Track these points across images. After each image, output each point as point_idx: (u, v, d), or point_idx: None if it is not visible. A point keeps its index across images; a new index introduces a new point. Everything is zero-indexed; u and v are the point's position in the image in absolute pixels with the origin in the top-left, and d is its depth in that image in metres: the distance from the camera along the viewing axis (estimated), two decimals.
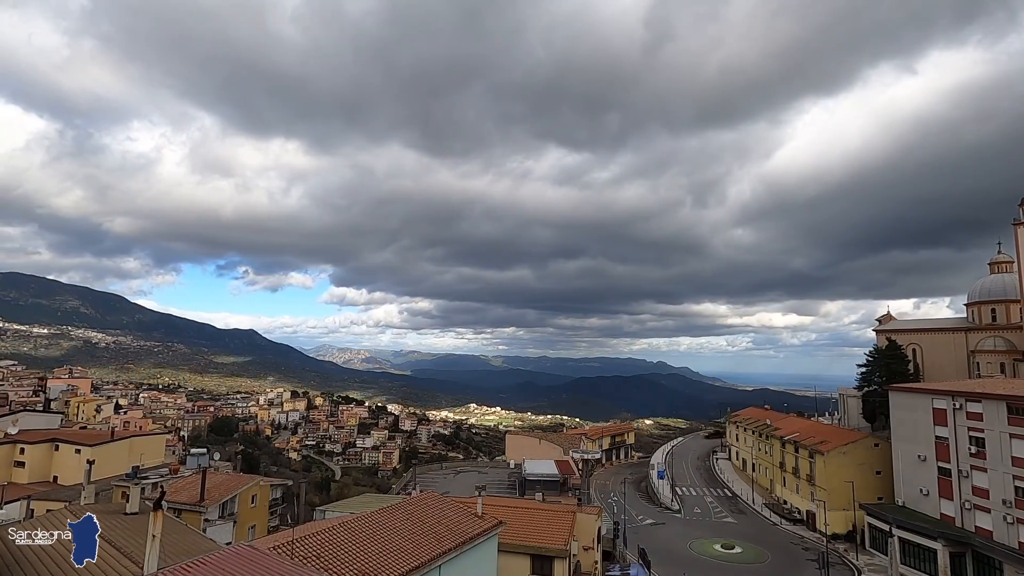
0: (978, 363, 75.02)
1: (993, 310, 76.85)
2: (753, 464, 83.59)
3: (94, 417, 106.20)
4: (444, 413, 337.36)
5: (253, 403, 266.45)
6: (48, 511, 25.15)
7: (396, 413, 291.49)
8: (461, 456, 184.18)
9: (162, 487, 35.27)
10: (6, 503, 43.30)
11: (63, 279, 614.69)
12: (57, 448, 58.33)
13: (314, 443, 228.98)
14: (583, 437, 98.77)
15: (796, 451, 68.90)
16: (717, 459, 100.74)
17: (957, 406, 50.75)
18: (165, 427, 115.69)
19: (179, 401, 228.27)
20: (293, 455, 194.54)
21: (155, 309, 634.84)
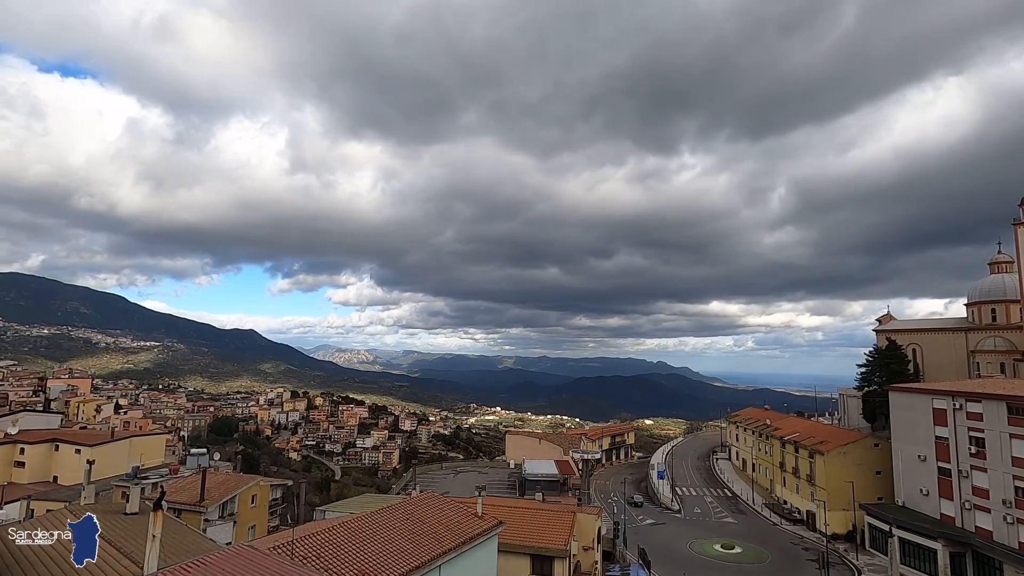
0: (978, 363, 75.02)
1: (993, 310, 76.85)
2: (753, 464, 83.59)
3: (94, 417, 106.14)
4: (444, 413, 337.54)
5: (253, 403, 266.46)
6: (48, 511, 25.14)
7: (396, 413, 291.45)
8: (461, 456, 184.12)
9: (162, 487, 35.26)
10: (6, 503, 43.33)
11: (64, 279, 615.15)
12: (57, 448, 58.35)
13: (314, 443, 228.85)
14: (583, 437, 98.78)
15: (796, 451, 68.90)
16: (717, 459, 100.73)
17: (957, 406, 50.75)
18: (165, 427, 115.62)
19: (179, 401, 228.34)
20: (293, 455, 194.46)
21: (155, 309, 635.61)
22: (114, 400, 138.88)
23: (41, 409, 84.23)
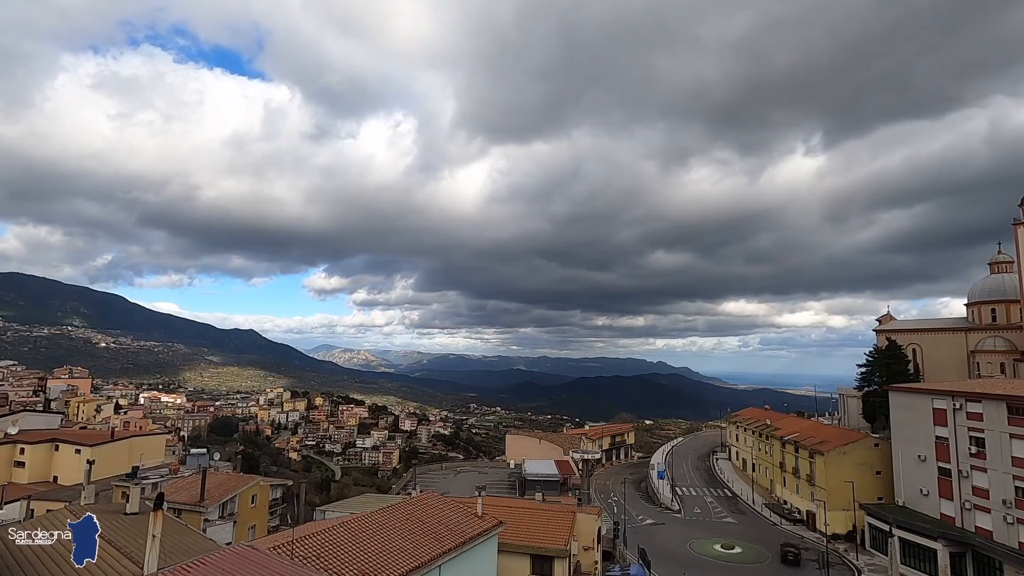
0: (978, 363, 75.02)
1: (993, 310, 76.85)
2: (753, 464, 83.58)
3: (94, 417, 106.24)
4: (444, 413, 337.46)
5: (253, 403, 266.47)
6: (48, 511, 25.16)
7: (396, 413, 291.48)
8: (461, 456, 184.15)
9: (160, 488, 35.27)
10: (6, 503, 43.34)
11: (62, 279, 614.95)
12: (57, 448, 58.35)
13: (314, 443, 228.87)
14: (583, 437, 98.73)
15: (796, 451, 68.89)
16: (717, 459, 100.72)
17: (957, 406, 50.74)
18: (165, 427, 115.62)
19: (179, 401, 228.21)
20: (293, 455, 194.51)
21: (155, 309, 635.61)
22: (114, 400, 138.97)
23: (41, 409, 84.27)
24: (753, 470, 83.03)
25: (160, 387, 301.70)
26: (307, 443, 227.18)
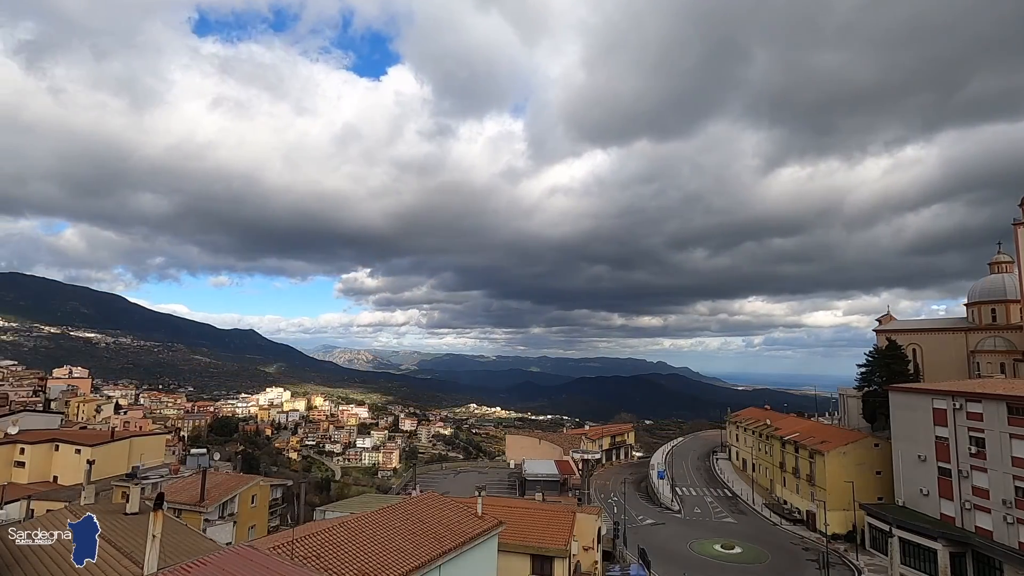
0: (978, 363, 75.03)
1: (993, 310, 76.87)
2: (753, 464, 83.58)
3: (94, 417, 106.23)
4: (444, 413, 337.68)
5: (253, 403, 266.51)
6: (48, 511, 25.17)
7: (396, 413, 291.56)
8: (461, 456, 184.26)
9: (160, 488, 35.27)
10: (6, 503, 43.35)
11: (62, 279, 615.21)
12: (57, 448, 58.34)
13: (314, 443, 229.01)
14: (583, 437, 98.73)
15: (796, 451, 68.89)
16: (717, 459, 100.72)
17: (957, 406, 50.75)
18: (165, 427, 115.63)
19: (179, 401, 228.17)
20: (293, 455, 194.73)
21: (154, 309, 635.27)
22: (114, 400, 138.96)
23: (41, 409, 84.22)
24: (753, 470, 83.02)
25: (160, 387, 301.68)
26: (307, 443, 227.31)
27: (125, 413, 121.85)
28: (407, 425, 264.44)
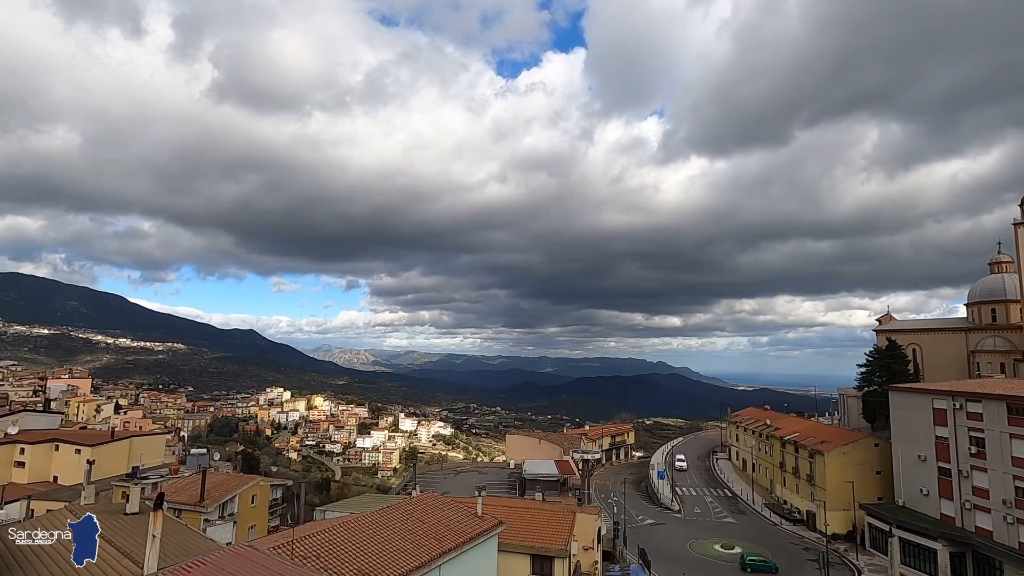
0: (978, 363, 75.03)
1: (993, 310, 76.86)
2: (753, 464, 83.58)
3: (94, 417, 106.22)
4: (444, 413, 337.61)
5: (253, 403, 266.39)
6: (48, 511, 25.17)
7: (396, 413, 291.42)
8: (461, 456, 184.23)
9: (160, 488, 35.26)
10: (6, 503, 43.34)
11: (63, 280, 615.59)
12: (57, 448, 58.33)
13: (314, 443, 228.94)
14: (583, 437, 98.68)
15: (796, 451, 68.89)
16: (717, 459, 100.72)
17: (957, 406, 50.75)
18: (165, 427, 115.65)
19: (179, 401, 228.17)
20: (293, 455, 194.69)
21: (154, 309, 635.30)
22: (114, 400, 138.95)
23: (41, 409, 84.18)
24: (753, 470, 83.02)
25: (160, 387, 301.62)
26: (307, 443, 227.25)
27: (125, 413, 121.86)
28: (407, 425, 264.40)
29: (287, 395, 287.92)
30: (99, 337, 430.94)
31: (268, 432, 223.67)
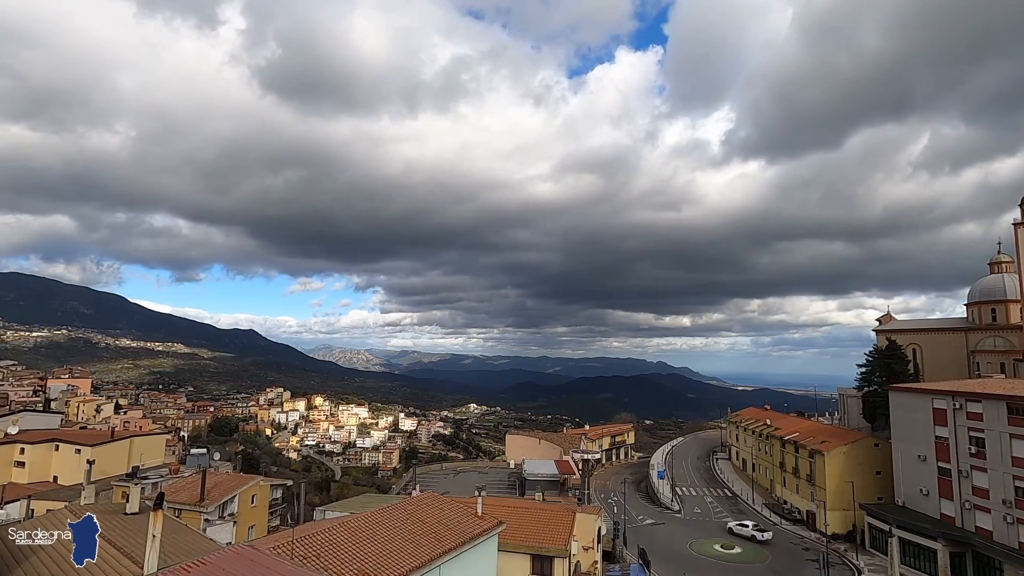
0: (978, 363, 75.04)
1: (993, 310, 76.86)
2: (753, 464, 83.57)
3: (94, 417, 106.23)
4: (444, 413, 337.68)
5: (253, 403, 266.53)
6: (48, 511, 25.16)
7: (396, 413, 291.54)
8: (461, 456, 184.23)
9: (160, 488, 35.27)
10: (6, 503, 43.39)
11: (64, 280, 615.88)
12: (57, 448, 58.38)
13: (314, 443, 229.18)
14: (583, 437, 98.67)
15: (796, 451, 68.89)
16: (717, 459, 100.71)
17: (957, 406, 50.75)
18: (165, 427, 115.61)
19: (179, 401, 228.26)
20: (293, 455, 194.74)
21: (154, 309, 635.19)
22: (114, 400, 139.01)
23: (41, 409, 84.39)
24: (753, 470, 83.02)
25: (160, 387, 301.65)
26: (307, 443, 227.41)
27: (125, 413, 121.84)
28: (407, 425, 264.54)
29: (287, 395, 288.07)
30: (99, 337, 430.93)
31: (268, 432, 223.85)
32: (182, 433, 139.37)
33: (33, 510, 41.85)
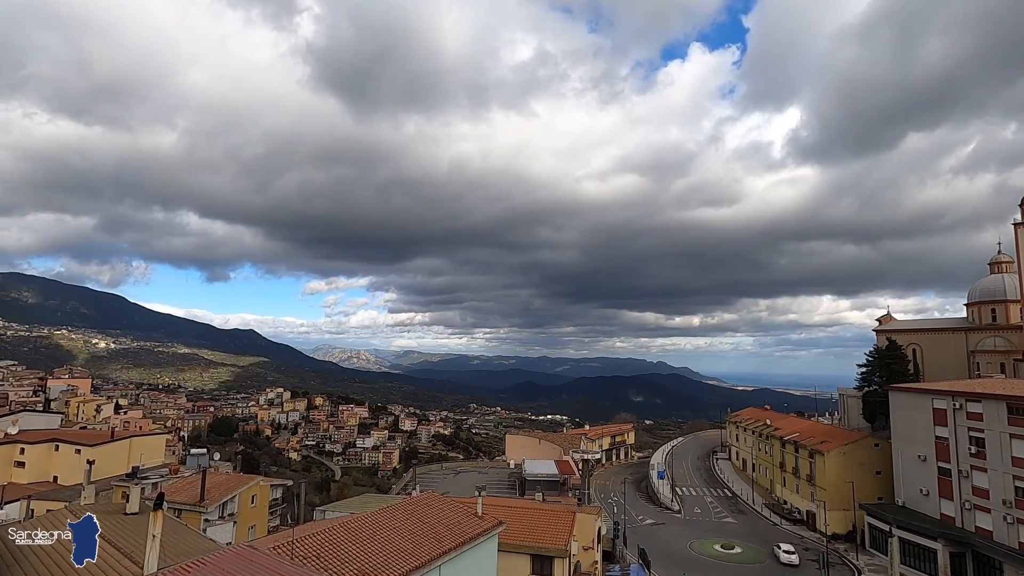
0: (978, 363, 75.00)
1: (993, 310, 76.83)
2: (753, 464, 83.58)
3: (94, 417, 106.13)
4: (444, 413, 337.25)
5: (253, 403, 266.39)
6: (48, 511, 25.13)
7: (396, 413, 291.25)
8: (461, 456, 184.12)
9: (160, 489, 35.27)
10: (6, 503, 43.36)
11: (64, 280, 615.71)
12: (57, 448, 58.38)
13: (314, 443, 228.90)
14: (583, 437, 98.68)
15: (796, 451, 68.89)
16: (717, 459, 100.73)
17: (957, 406, 50.74)
18: (165, 427, 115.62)
19: (179, 401, 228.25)
20: (293, 455, 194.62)
21: (154, 309, 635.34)
22: (114, 400, 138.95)
23: (41, 409, 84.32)
24: (753, 470, 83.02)
25: (160, 387, 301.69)
26: (307, 443, 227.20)
27: (125, 413, 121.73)
28: (407, 425, 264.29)
29: (287, 395, 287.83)
30: (99, 337, 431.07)
31: (268, 432, 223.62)
32: (182, 433, 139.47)
33: (33, 510, 41.83)
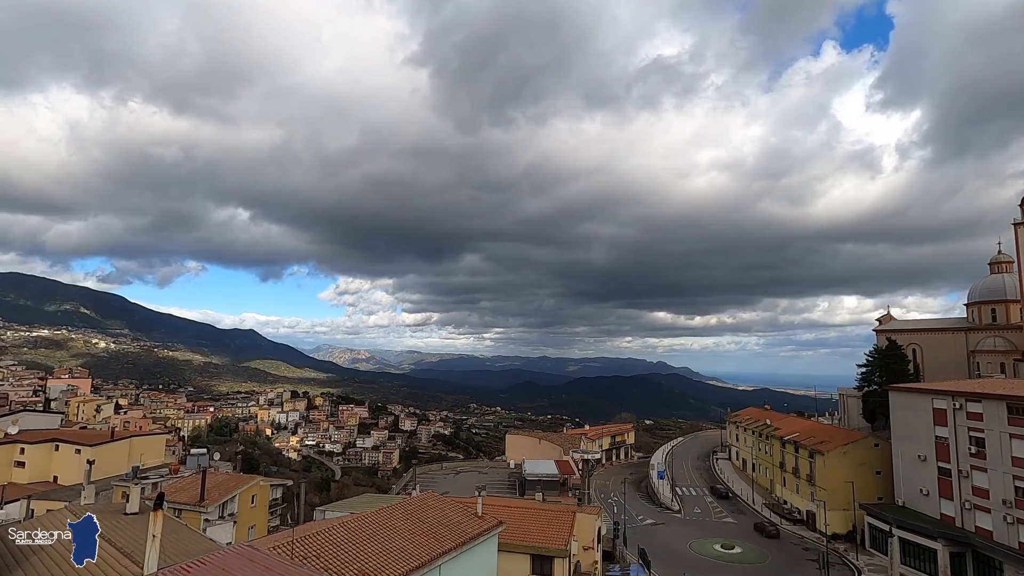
0: (978, 363, 75.01)
1: (993, 310, 76.84)
2: (753, 464, 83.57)
3: (94, 417, 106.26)
4: (444, 413, 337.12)
5: (253, 403, 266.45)
6: (48, 511, 25.16)
7: (396, 413, 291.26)
8: (461, 456, 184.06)
9: (160, 488, 35.27)
10: (6, 503, 43.38)
11: (64, 280, 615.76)
12: (57, 448, 58.37)
13: (314, 443, 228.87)
14: (583, 437, 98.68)
15: (796, 451, 68.88)
16: (717, 459, 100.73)
17: (957, 406, 50.74)
18: (165, 427, 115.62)
19: (179, 401, 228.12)
20: (293, 455, 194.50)
21: (154, 309, 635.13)
22: (114, 400, 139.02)
23: (41, 409, 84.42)
24: (753, 470, 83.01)
25: (160, 387, 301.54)
26: (307, 443, 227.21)
27: (125, 413, 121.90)
28: (407, 425, 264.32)
29: (287, 395, 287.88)
30: (99, 337, 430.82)
31: (268, 432, 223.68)
32: (182, 433, 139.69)
33: (33, 510, 41.85)
